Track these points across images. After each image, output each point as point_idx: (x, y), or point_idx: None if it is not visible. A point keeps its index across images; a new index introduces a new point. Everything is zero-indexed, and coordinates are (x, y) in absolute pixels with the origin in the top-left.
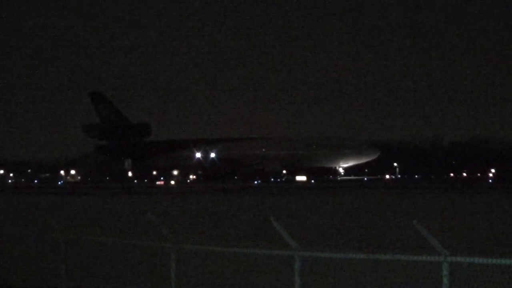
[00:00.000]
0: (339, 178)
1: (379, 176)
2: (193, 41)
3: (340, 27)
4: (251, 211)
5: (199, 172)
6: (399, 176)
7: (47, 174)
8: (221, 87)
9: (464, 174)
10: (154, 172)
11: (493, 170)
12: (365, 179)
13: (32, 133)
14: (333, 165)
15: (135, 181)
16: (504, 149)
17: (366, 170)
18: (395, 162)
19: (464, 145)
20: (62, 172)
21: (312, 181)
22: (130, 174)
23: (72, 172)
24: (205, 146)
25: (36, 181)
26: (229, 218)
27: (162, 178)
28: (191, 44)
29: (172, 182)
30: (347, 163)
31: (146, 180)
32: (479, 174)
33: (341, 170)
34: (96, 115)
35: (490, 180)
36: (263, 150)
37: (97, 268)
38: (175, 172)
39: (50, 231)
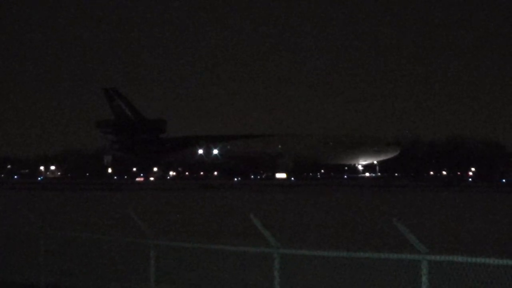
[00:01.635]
0: (319, 176)
1: (359, 175)
2: (207, 37)
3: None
4: (231, 207)
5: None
6: (379, 174)
7: (27, 170)
8: (241, 84)
9: (444, 173)
10: (134, 169)
11: (473, 169)
12: (345, 177)
13: (12, 129)
14: (352, 163)
15: (115, 177)
16: (484, 148)
17: (346, 168)
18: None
19: (445, 144)
20: (42, 168)
21: (292, 178)
22: (110, 170)
23: (52, 168)
24: (208, 143)
25: (16, 176)
26: (209, 214)
27: (142, 174)
28: (205, 40)
29: (152, 179)
30: (366, 161)
31: (126, 177)
32: (459, 173)
33: (360, 168)
34: (111, 111)
35: (470, 179)
36: (279, 147)
37: (77, 264)
38: (155, 169)
39: (29, 226)
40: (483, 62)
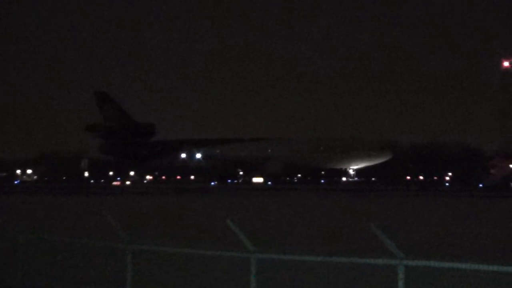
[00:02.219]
0: (295, 180)
1: (335, 179)
2: (196, 41)
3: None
4: (208, 212)
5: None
6: (356, 178)
7: (4, 174)
8: (232, 88)
9: (421, 177)
10: (111, 173)
11: (450, 174)
12: (322, 181)
13: None
14: (343, 167)
15: (92, 181)
16: (461, 152)
17: (323, 172)
18: None
19: (422, 148)
20: (18, 171)
21: (269, 182)
22: (86, 174)
23: (29, 171)
24: (193, 146)
25: None
26: (186, 219)
27: (118, 178)
28: (195, 43)
29: (128, 182)
30: (357, 165)
31: (102, 180)
32: (435, 177)
33: (351, 172)
34: (101, 115)
35: (447, 183)
36: (269, 151)
37: (53, 268)
38: (132, 173)
39: (6, 231)
40: (459, 66)
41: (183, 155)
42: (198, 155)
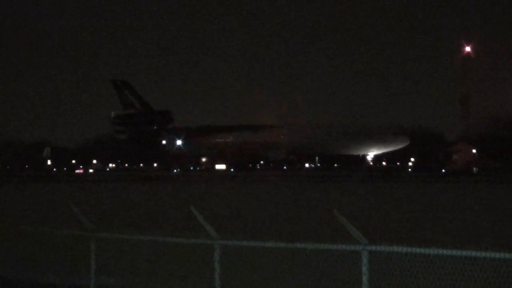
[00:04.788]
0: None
1: (298, 165)
2: (206, 31)
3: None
4: (172, 199)
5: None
6: (318, 165)
7: None
8: (245, 74)
9: (384, 163)
10: (73, 161)
11: (412, 159)
12: (285, 168)
13: None
14: (358, 153)
15: (54, 169)
16: (424, 137)
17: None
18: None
19: None
20: None
21: (232, 169)
22: (49, 162)
23: None
24: (173, 134)
25: None
26: (150, 206)
27: (81, 166)
28: (210, 32)
29: (91, 171)
30: (373, 151)
31: (65, 168)
32: (398, 163)
33: (369, 159)
34: (120, 103)
35: (410, 170)
36: (282, 137)
37: (16, 257)
38: (94, 161)
39: None
40: (420, 52)
41: (164, 142)
42: (179, 142)
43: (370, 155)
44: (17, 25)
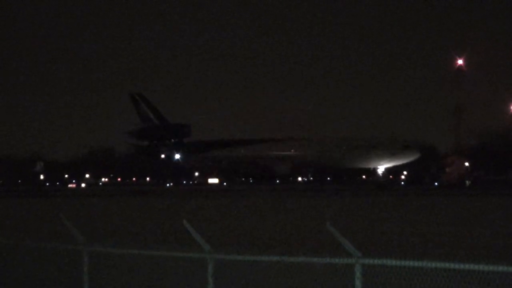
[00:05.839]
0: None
1: (291, 179)
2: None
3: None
4: (164, 213)
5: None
6: (311, 178)
7: None
8: (253, 87)
9: (364, 177)
10: (66, 175)
11: (405, 172)
12: (277, 181)
13: None
14: (367, 166)
15: (47, 184)
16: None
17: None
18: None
19: None
20: None
21: (224, 183)
22: (42, 177)
23: None
24: (172, 147)
25: None
26: (143, 220)
27: (74, 181)
28: (221, 43)
29: (83, 185)
30: (383, 165)
31: (58, 183)
32: (391, 176)
33: (379, 172)
34: (138, 116)
35: (402, 182)
36: (292, 151)
37: (9, 271)
38: (87, 175)
39: None
40: (414, 63)
41: (163, 156)
42: (177, 156)
43: (381, 168)
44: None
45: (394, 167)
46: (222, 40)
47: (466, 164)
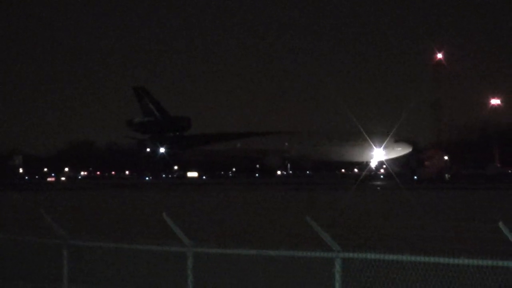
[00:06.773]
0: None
1: (271, 172)
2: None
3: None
4: (144, 207)
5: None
6: (290, 172)
7: None
8: (248, 81)
9: (356, 170)
10: (45, 169)
11: (384, 166)
12: (257, 175)
13: None
14: (358, 160)
15: (26, 177)
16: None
17: (258, 166)
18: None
19: None
20: None
21: (204, 177)
22: (21, 170)
23: None
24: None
25: None
26: (123, 214)
27: (53, 174)
28: (219, 40)
29: (63, 178)
30: (376, 158)
31: (37, 177)
32: (371, 171)
33: (372, 166)
34: (140, 109)
35: (382, 176)
36: (286, 144)
37: None
38: (66, 169)
39: None
40: (393, 57)
41: (148, 150)
42: (162, 150)
43: (374, 162)
44: None
45: (377, 161)
46: (222, 40)
47: (446, 158)
